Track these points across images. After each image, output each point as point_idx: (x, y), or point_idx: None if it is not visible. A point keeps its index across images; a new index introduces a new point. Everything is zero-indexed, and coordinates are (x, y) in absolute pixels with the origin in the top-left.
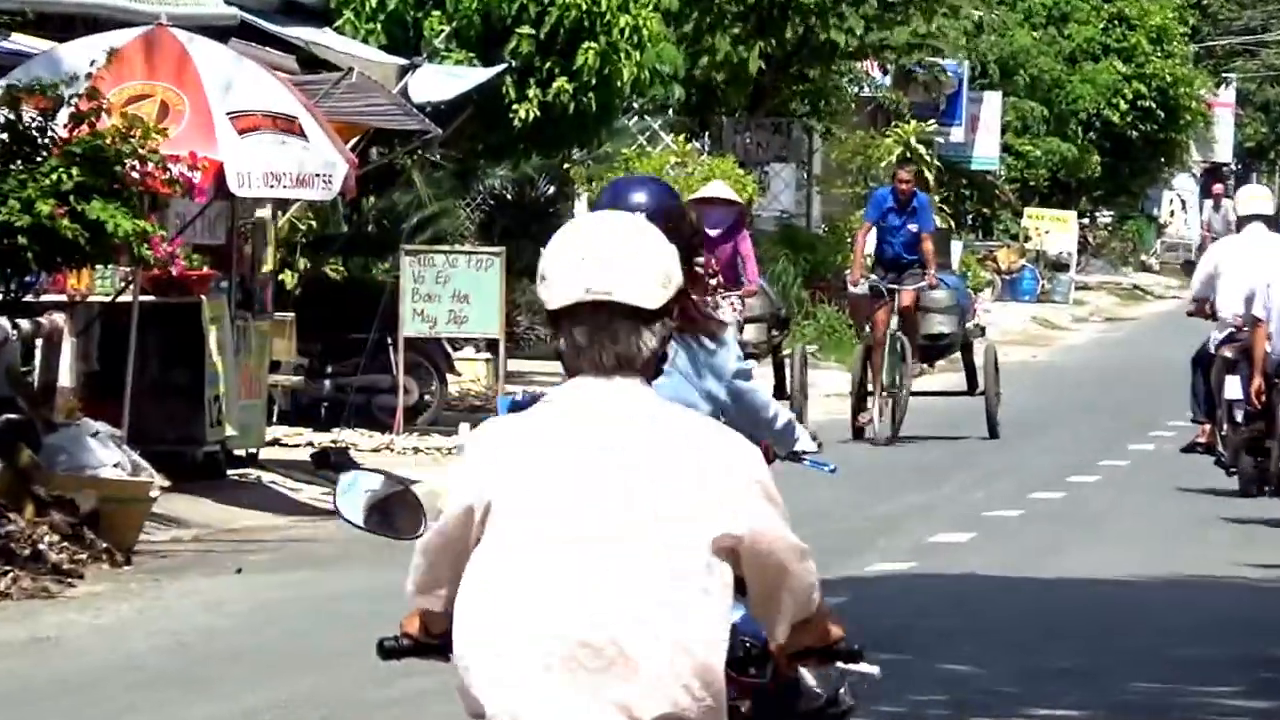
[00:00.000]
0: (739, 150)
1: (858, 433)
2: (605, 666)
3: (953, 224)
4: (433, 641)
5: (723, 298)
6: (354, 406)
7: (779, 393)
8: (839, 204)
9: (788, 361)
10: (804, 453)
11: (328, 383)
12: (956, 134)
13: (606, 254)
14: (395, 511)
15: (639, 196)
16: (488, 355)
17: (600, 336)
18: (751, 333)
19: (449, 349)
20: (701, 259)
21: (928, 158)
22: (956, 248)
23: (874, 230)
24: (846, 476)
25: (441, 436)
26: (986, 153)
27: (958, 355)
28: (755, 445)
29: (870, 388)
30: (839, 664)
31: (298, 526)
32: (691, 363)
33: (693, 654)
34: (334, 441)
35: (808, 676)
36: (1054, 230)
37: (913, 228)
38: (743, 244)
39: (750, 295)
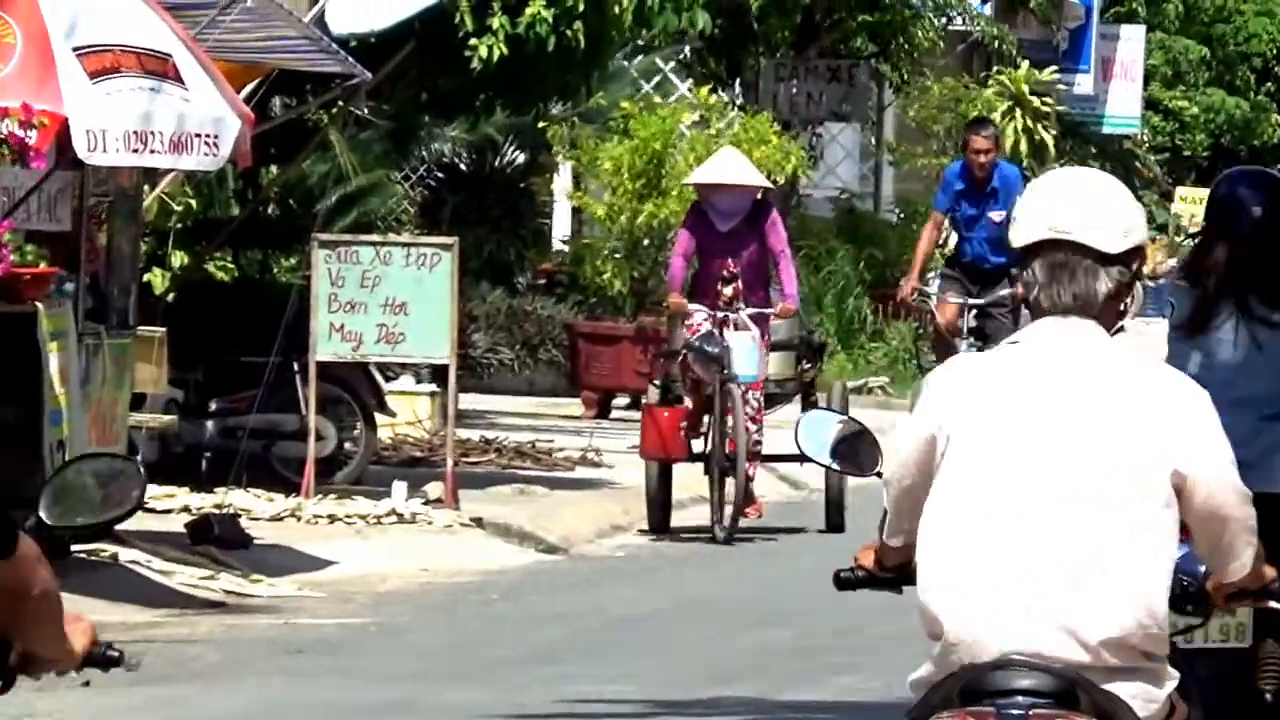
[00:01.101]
0: (782, 104)
1: None
2: (1059, 593)
3: None
4: (887, 574)
5: (744, 312)
6: (247, 458)
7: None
8: (919, 179)
9: (822, 403)
10: None
11: (211, 424)
12: (1083, 83)
13: (1073, 197)
14: (857, 449)
15: (1251, 190)
16: (432, 387)
17: (1060, 274)
18: (776, 364)
19: (379, 379)
20: None
21: (1045, 115)
22: None
23: (947, 223)
24: None
25: (368, 500)
26: (1124, 110)
27: None
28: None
29: None
30: (1272, 603)
31: (168, 624)
32: None
33: (1143, 587)
34: (219, 506)
35: None
36: None
37: (995, 216)
38: (774, 237)
39: (787, 315)
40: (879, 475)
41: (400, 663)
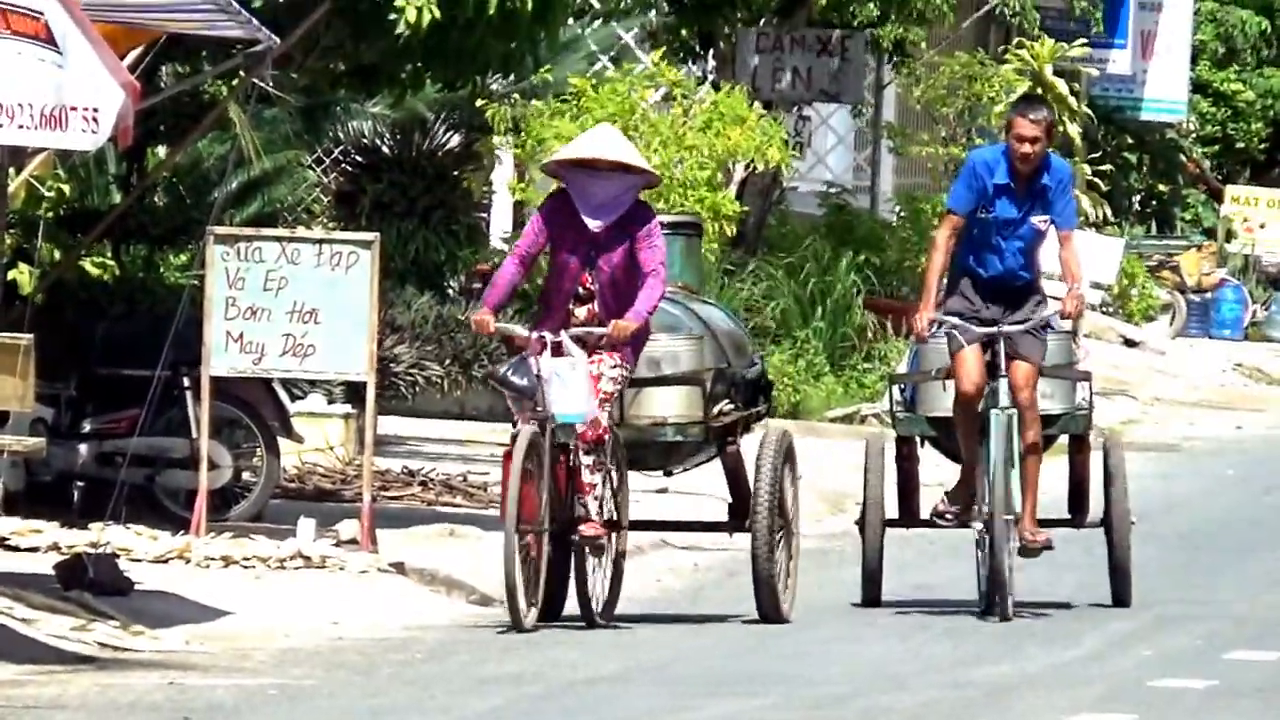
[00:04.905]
0: (762, 80)
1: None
2: None
3: (1107, 211)
4: None
5: (569, 332)
6: (128, 488)
7: (736, 510)
8: (923, 172)
9: (759, 453)
10: None
11: (85, 449)
12: (1119, 61)
13: None
14: None
15: None
16: (347, 409)
17: None
18: (676, 402)
19: (284, 398)
20: None
21: (1070, 100)
22: (1115, 247)
23: (962, 229)
24: (923, 626)
25: (269, 541)
26: (1167, 93)
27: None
28: None
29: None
30: None
31: (33, 683)
32: None
33: None
34: (94, 545)
35: None
36: (1273, 223)
37: (1039, 223)
38: (647, 251)
39: (620, 335)
40: None
41: None
